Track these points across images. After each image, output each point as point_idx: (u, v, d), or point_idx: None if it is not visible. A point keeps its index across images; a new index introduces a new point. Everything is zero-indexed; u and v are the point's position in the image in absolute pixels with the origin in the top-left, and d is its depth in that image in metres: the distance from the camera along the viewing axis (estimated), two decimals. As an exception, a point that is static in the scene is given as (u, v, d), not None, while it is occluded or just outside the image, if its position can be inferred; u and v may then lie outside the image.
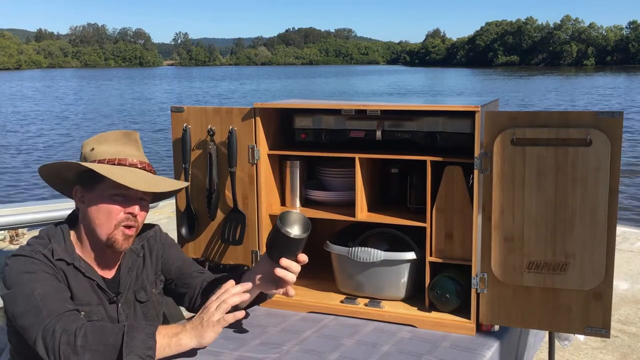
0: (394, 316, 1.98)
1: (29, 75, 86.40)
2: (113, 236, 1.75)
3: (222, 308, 1.67)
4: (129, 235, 1.77)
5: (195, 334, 1.64)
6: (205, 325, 1.65)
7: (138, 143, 1.83)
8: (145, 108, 27.67)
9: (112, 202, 1.74)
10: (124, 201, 1.75)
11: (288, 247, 1.78)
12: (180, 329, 1.65)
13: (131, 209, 1.75)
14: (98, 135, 1.84)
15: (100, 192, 1.74)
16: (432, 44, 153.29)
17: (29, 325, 1.60)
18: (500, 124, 1.79)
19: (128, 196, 1.75)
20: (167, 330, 1.64)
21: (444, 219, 1.95)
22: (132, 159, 1.78)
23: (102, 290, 1.80)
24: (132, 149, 1.81)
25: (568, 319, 1.80)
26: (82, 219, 1.80)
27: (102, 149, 1.78)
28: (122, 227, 1.75)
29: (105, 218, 1.74)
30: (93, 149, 1.78)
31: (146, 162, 1.82)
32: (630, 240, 5.86)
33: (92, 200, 1.76)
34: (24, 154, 14.93)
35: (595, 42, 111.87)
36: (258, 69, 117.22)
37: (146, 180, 1.76)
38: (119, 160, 1.76)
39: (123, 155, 1.78)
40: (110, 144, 1.79)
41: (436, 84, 50.51)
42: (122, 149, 1.79)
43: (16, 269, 1.68)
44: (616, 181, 1.72)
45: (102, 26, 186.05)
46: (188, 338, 1.64)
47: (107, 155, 1.77)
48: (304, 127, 2.21)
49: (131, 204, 1.76)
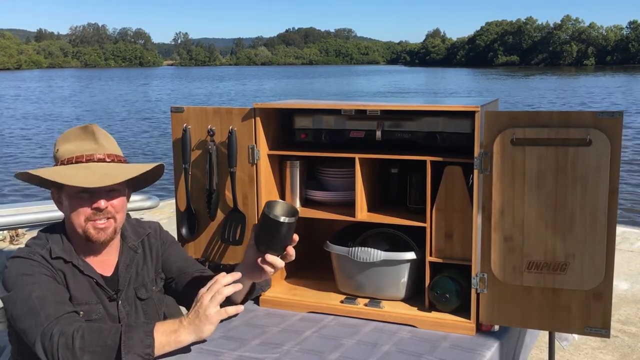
0: (394, 316, 1.98)
1: (29, 75, 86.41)
2: (86, 230, 1.77)
3: (217, 299, 1.67)
4: (100, 227, 1.77)
5: (193, 329, 1.65)
6: (202, 319, 1.65)
7: (95, 135, 1.81)
8: (146, 108, 27.67)
9: (78, 199, 1.76)
10: (89, 197, 1.75)
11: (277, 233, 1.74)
12: (178, 325, 1.65)
13: (96, 204, 1.75)
14: (62, 134, 1.85)
15: (68, 191, 1.76)
16: (432, 44, 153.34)
17: (27, 329, 1.61)
18: (500, 124, 1.79)
19: (93, 191, 1.75)
20: (165, 327, 1.64)
21: (444, 219, 1.95)
22: (88, 154, 1.78)
23: (101, 288, 1.81)
24: (89, 143, 1.80)
25: (568, 319, 1.80)
26: (65, 219, 1.83)
27: (65, 149, 1.80)
28: (91, 222, 1.76)
29: (75, 215, 1.76)
30: (58, 150, 1.81)
31: (106, 154, 1.80)
32: (630, 240, 5.85)
33: (65, 200, 1.79)
34: (25, 153, 14.93)
35: (595, 42, 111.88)
36: (258, 69, 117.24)
37: (97, 173, 1.74)
38: (77, 158, 1.77)
39: (80, 152, 1.78)
40: (72, 142, 1.80)
41: (436, 83, 50.51)
42: (81, 145, 1.79)
43: (15, 271, 1.69)
44: (616, 181, 1.72)
45: (102, 26, 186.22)
46: (186, 334, 1.64)
47: (67, 154, 1.78)
48: (304, 127, 2.21)
49: (96, 199, 1.75)
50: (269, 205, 1.75)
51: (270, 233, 1.74)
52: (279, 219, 1.71)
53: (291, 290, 2.22)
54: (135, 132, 18.39)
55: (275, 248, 1.77)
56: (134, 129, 19.21)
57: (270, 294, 2.17)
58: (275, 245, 1.76)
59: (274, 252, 1.77)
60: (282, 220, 1.71)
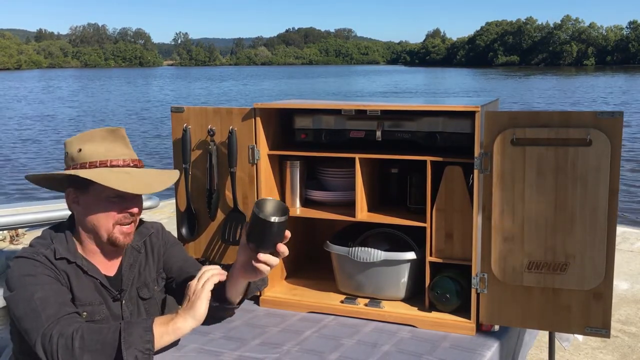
0: (394, 316, 1.98)
1: (29, 75, 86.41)
2: (113, 234, 1.77)
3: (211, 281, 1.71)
4: (128, 232, 1.80)
5: (189, 313, 1.66)
6: (194, 300, 1.68)
7: (126, 139, 1.81)
8: (146, 108, 27.67)
9: (109, 203, 1.75)
10: (121, 202, 1.76)
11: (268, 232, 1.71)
12: (174, 314, 1.68)
13: (131, 209, 1.78)
14: (82, 134, 1.81)
15: (96, 194, 1.75)
16: (432, 44, 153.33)
17: (29, 329, 1.62)
18: (500, 124, 1.79)
19: (125, 196, 1.76)
20: (162, 319, 1.66)
21: (444, 219, 1.95)
22: (123, 159, 1.78)
23: (105, 289, 1.81)
24: (121, 147, 1.79)
25: (568, 319, 1.80)
26: (79, 220, 1.81)
27: (90, 150, 1.76)
28: (119, 226, 1.77)
29: (104, 219, 1.76)
30: (80, 150, 1.76)
31: (137, 159, 1.81)
32: (630, 240, 5.85)
33: (88, 202, 1.76)
34: (24, 153, 14.94)
35: (595, 42, 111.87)
36: (258, 69, 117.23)
37: (141, 181, 1.76)
38: (111, 161, 1.75)
39: (113, 155, 1.76)
40: (98, 143, 1.77)
41: (436, 84, 50.51)
42: (111, 148, 1.77)
43: (17, 272, 1.69)
44: (616, 181, 1.72)
45: (102, 26, 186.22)
46: (183, 320, 1.66)
47: (96, 157, 1.75)
48: (304, 127, 2.21)
49: (129, 204, 1.77)
50: (259, 204, 1.71)
51: (260, 232, 1.71)
52: (269, 219, 1.68)
53: (291, 290, 2.22)
54: (135, 132, 18.39)
55: (266, 247, 1.74)
56: (134, 129, 19.20)
57: (270, 294, 2.17)
58: (266, 244, 1.73)
59: (265, 250, 1.74)
60: (272, 220, 1.68)
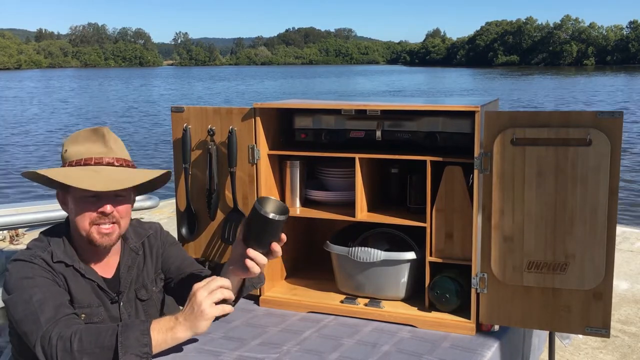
0: (394, 316, 1.98)
1: (29, 75, 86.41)
2: (90, 234, 1.76)
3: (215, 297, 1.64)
4: (106, 232, 1.77)
5: (189, 325, 1.63)
6: (197, 315, 1.63)
7: (106, 138, 1.80)
8: (146, 108, 27.67)
9: (85, 203, 1.74)
10: (96, 201, 1.74)
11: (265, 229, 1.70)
12: (174, 322, 1.64)
13: (102, 208, 1.74)
14: (71, 135, 1.84)
15: (73, 193, 1.75)
16: (432, 43, 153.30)
17: (28, 332, 1.62)
18: (500, 124, 1.79)
19: (99, 195, 1.74)
20: (161, 324, 1.63)
21: (444, 219, 1.95)
22: (97, 157, 1.77)
23: (103, 291, 1.80)
24: (99, 146, 1.79)
25: (568, 319, 1.80)
26: (70, 220, 1.82)
27: (73, 150, 1.78)
28: (96, 226, 1.75)
29: (80, 218, 1.75)
30: (66, 151, 1.79)
31: (115, 157, 1.79)
32: (630, 240, 5.85)
33: (70, 202, 1.78)
34: (24, 153, 14.94)
35: (595, 42, 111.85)
36: (258, 69, 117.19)
37: (108, 178, 1.74)
38: (85, 160, 1.76)
39: (89, 154, 1.77)
40: (81, 143, 1.79)
41: (436, 83, 50.49)
42: (90, 148, 1.78)
43: (15, 274, 1.70)
44: (616, 181, 1.72)
45: (102, 26, 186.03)
46: (183, 330, 1.63)
47: (75, 156, 1.77)
48: (304, 127, 2.21)
49: (103, 203, 1.75)
50: (260, 201, 1.71)
51: (258, 228, 1.71)
52: (269, 215, 1.68)
53: (291, 290, 2.22)
54: (135, 132, 18.39)
55: (260, 243, 1.73)
56: (134, 129, 19.20)
57: (270, 294, 2.17)
58: (261, 240, 1.72)
59: (259, 247, 1.73)
60: (271, 217, 1.68)
